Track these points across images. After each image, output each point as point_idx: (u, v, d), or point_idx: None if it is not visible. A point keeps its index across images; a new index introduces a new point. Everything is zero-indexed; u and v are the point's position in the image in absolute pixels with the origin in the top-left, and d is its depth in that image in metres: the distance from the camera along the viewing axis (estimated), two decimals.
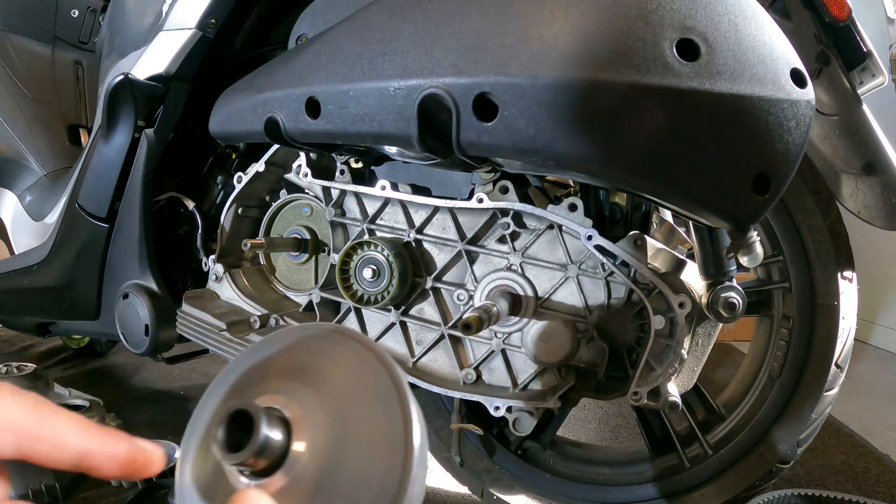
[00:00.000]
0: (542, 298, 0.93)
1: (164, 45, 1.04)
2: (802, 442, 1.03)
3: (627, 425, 1.70)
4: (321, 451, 0.28)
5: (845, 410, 1.83)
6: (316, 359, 0.31)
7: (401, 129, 0.67)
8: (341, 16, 0.82)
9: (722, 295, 0.84)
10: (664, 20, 0.56)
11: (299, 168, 1.04)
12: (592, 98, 0.57)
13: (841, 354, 1.01)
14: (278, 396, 0.30)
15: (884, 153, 0.89)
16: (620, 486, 1.13)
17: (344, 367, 0.31)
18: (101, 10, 1.60)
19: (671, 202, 0.63)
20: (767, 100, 0.56)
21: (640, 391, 0.88)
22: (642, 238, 0.87)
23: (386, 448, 0.28)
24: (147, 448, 0.27)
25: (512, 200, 0.90)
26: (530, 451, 1.18)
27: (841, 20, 0.78)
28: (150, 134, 1.08)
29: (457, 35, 0.63)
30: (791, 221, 1.01)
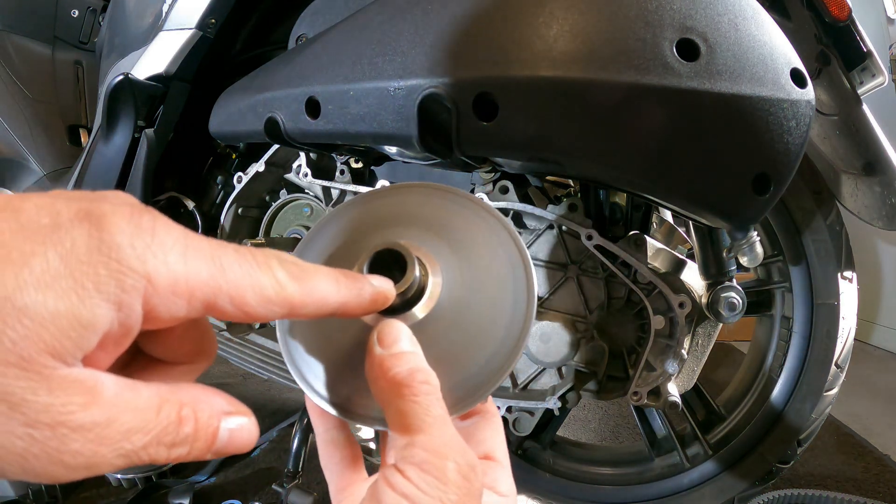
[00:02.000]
0: (542, 298, 0.93)
1: (164, 45, 1.04)
2: (802, 442, 1.03)
3: (627, 425, 1.70)
4: (454, 295, 0.31)
5: (845, 410, 1.83)
6: (440, 213, 0.33)
7: (401, 129, 0.67)
8: (341, 16, 0.82)
9: (722, 295, 0.84)
10: (664, 20, 0.56)
11: (299, 168, 1.04)
12: (592, 98, 0.57)
13: (841, 354, 1.01)
14: (412, 243, 0.32)
15: (884, 153, 0.89)
16: (620, 485, 1.13)
17: (472, 225, 0.33)
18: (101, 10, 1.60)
19: (671, 202, 0.63)
20: (767, 100, 0.56)
21: (640, 391, 0.88)
22: (642, 238, 0.87)
23: (511, 299, 0.30)
24: (383, 285, 0.28)
25: (512, 200, 0.90)
26: (530, 451, 1.18)
27: (841, 20, 0.78)
28: (150, 134, 1.08)
29: (457, 35, 0.63)
30: (791, 221, 1.01)
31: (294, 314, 0.24)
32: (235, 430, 0.23)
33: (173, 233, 0.21)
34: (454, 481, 0.25)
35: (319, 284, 0.25)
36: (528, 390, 0.97)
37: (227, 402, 0.24)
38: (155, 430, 0.21)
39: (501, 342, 0.30)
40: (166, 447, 0.21)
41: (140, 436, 0.20)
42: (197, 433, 0.22)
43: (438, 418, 0.26)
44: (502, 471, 0.32)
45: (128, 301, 0.20)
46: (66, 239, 0.19)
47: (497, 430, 0.34)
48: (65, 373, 0.19)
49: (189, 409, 0.22)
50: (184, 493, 1.17)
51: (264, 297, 0.23)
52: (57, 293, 0.19)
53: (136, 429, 0.20)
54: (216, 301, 0.22)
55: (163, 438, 0.21)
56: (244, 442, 0.24)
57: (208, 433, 0.23)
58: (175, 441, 0.22)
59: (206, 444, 0.23)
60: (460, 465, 0.25)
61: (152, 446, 0.21)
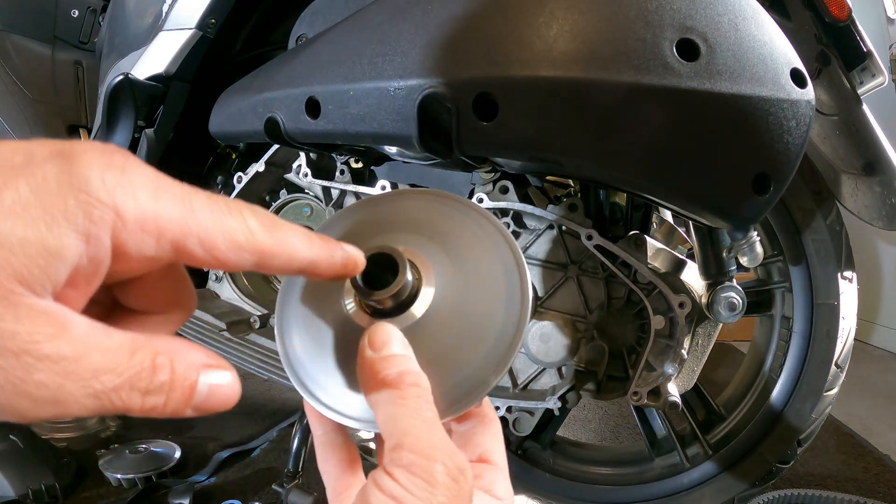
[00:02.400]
0: (542, 298, 0.93)
1: (164, 45, 1.04)
2: (802, 442, 1.03)
3: (627, 425, 1.70)
4: (447, 298, 0.31)
5: (845, 410, 1.83)
6: (435, 217, 0.34)
7: (401, 129, 0.67)
8: (341, 16, 0.82)
9: (722, 295, 0.84)
10: (664, 20, 0.56)
11: (299, 168, 1.04)
12: (592, 98, 0.57)
13: (841, 354, 1.01)
14: (408, 247, 0.32)
15: (884, 153, 0.89)
16: (620, 485, 1.13)
17: (465, 229, 0.33)
18: (101, 10, 1.60)
19: (671, 202, 0.63)
20: (767, 100, 0.56)
21: (640, 391, 0.88)
22: (642, 238, 0.87)
23: (504, 303, 0.31)
24: (353, 252, 0.28)
25: (512, 200, 0.90)
26: (530, 451, 1.18)
27: (841, 20, 0.78)
28: (150, 134, 1.08)
29: (457, 35, 0.63)
30: (791, 221, 1.01)
31: (263, 264, 0.24)
32: (216, 386, 0.23)
33: (144, 172, 0.22)
34: (442, 483, 0.25)
35: (290, 238, 0.25)
36: (528, 390, 0.97)
37: (207, 356, 0.23)
38: (127, 373, 0.20)
39: (494, 345, 0.30)
40: (140, 393, 0.21)
41: (111, 377, 0.20)
42: (173, 383, 0.22)
43: (427, 420, 0.27)
44: (499, 474, 0.32)
45: (96, 233, 0.20)
46: (37, 173, 0.19)
47: (495, 434, 0.34)
48: (33, 301, 0.19)
49: (165, 357, 0.22)
50: (184, 493, 1.17)
51: (234, 243, 0.23)
52: (26, 222, 0.19)
53: (107, 369, 0.20)
54: (185, 242, 0.22)
55: (136, 383, 0.21)
56: (225, 398, 0.23)
57: (185, 385, 0.22)
58: (149, 388, 0.21)
59: (183, 397, 0.22)
60: (449, 467, 0.25)
61: (124, 390, 0.20)
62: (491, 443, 0.33)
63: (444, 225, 0.34)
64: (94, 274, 0.21)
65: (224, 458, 1.35)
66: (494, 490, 0.31)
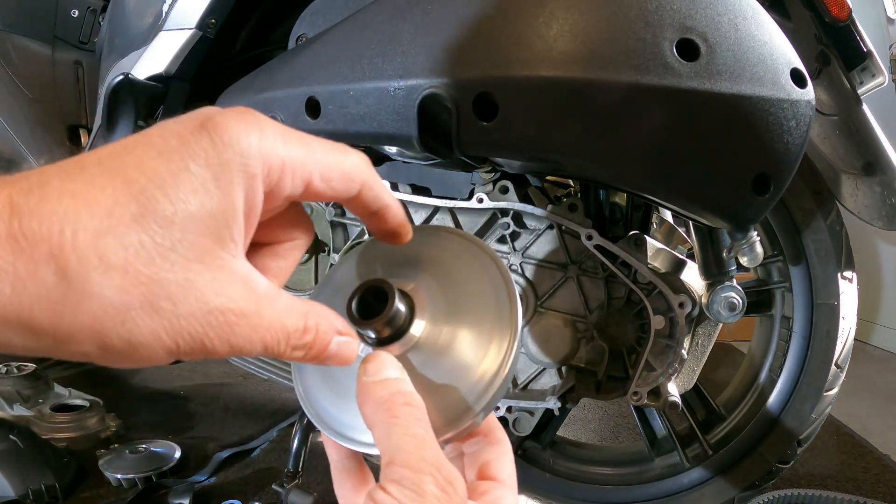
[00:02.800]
0: (542, 298, 0.93)
1: (164, 45, 1.04)
2: (802, 442, 1.03)
3: (627, 425, 1.70)
4: (439, 324, 0.33)
5: (845, 410, 1.83)
6: (428, 250, 0.36)
7: (401, 129, 0.67)
8: (341, 16, 0.82)
9: (722, 295, 0.84)
10: (664, 20, 0.56)
11: None
12: (592, 98, 0.57)
13: (841, 354, 1.01)
14: (403, 280, 0.35)
15: (884, 153, 0.89)
16: (620, 485, 1.13)
17: (455, 257, 0.35)
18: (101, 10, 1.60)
19: (671, 202, 0.63)
20: (767, 100, 0.56)
21: (640, 391, 0.88)
22: (642, 238, 0.87)
23: (494, 326, 0.32)
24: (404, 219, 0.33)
25: (512, 200, 0.90)
26: (530, 451, 1.18)
27: (841, 20, 0.78)
28: None
29: (457, 35, 0.63)
30: (791, 221, 1.01)
31: (362, 195, 0.29)
32: (343, 343, 0.28)
33: (273, 126, 0.26)
34: (431, 493, 0.26)
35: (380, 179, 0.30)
36: (528, 390, 0.97)
37: (342, 324, 0.29)
38: (286, 331, 0.26)
39: (487, 366, 0.31)
40: (290, 347, 0.26)
41: (276, 332, 0.25)
42: (315, 342, 0.27)
43: (417, 437, 0.28)
44: (506, 491, 0.32)
45: (254, 186, 0.24)
46: (197, 150, 0.23)
47: (503, 453, 0.34)
48: (230, 263, 0.24)
49: (314, 321, 0.27)
50: (184, 493, 1.17)
51: (346, 174, 0.28)
52: (208, 195, 0.23)
53: (276, 327, 0.25)
54: (311, 178, 0.26)
55: (290, 340, 0.26)
56: (346, 356, 0.29)
57: (323, 343, 0.27)
58: (297, 344, 0.27)
59: (318, 352, 0.27)
60: (437, 478, 0.26)
61: (282, 343, 0.26)
62: (498, 461, 0.34)
63: (433, 255, 0.36)
64: (252, 221, 0.25)
65: (224, 458, 1.35)
66: None
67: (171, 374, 1.92)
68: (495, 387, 0.31)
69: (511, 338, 0.31)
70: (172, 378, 1.89)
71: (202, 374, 1.92)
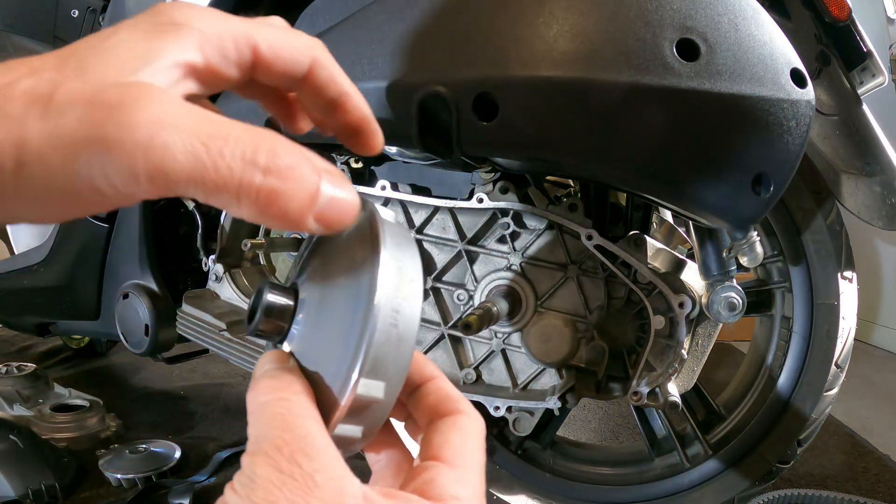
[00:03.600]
0: (542, 298, 0.93)
1: None
2: (802, 442, 1.03)
3: (627, 425, 1.70)
4: (311, 317, 0.30)
5: (845, 410, 1.83)
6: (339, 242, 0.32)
7: (401, 129, 0.67)
8: (341, 16, 0.82)
9: (722, 295, 0.84)
10: (664, 20, 0.56)
11: None
12: (592, 98, 0.57)
13: (841, 354, 1.01)
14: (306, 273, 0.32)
15: (884, 153, 0.89)
16: (620, 485, 1.13)
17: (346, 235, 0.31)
18: (101, 10, 1.60)
19: (671, 202, 0.63)
20: (767, 100, 0.56)
21: (640, 391, 0.88)
22: (642, 238, 0.88)
23: (351, 310, 0.27)
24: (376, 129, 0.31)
25: (512, 200, 0.90)
26: (530, 451, 1.18)
27: (841, 20, 0.78)
28: None
29: (457, 35, 0.63)
30: (791, 221, 1.01)
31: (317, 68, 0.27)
32: (338, 193, 0.23)
33: (213, 10, 0.26)
34: (263, 477, 0.22)
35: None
36: (528, 390, 0.97)
37: (330, 165, 0.23)
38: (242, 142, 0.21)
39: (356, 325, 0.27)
40: (260, 170, 0.21)
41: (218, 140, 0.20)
42: (296, 170, 0.21)
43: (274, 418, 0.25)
44: (442, 471, 0.27)
45: (187, 44, 0.24)
46: (136, 24, 0.24)
47: (448, 429, 0.29)
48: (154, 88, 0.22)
49: (289, 146, 0.22)
50: (184, 493, 1.17)
51: (292, 46, 0.27)
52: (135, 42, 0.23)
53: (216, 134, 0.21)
54: (258, 46, 0.26)
55: (253, 156, 0.21)
56: (347, 208, 0.23)
57: (309, 181, 0.22)
58: (269, 167, 0.21)
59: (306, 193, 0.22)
60: (274, 458, 0.23)
61: (237, 159, 0.20)
62: (442, 437, 0.29)
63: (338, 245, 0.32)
64: (207, 76, 0.25)
65: (224, 458, 1.35)
66: (430, 490, 0.26)
67: (171, 374, 1.92)
68: (363, 344, 0.26)
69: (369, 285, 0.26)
70: (172, 378, 1.89)
71: (202, 374, 1.92)
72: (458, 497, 0.26)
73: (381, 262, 0.27)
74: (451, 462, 0.27)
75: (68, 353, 2.05)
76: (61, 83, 0.21)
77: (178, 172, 0.20)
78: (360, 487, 0.24)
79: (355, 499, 0.24)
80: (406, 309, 0.27)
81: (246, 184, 0.21)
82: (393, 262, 0.27)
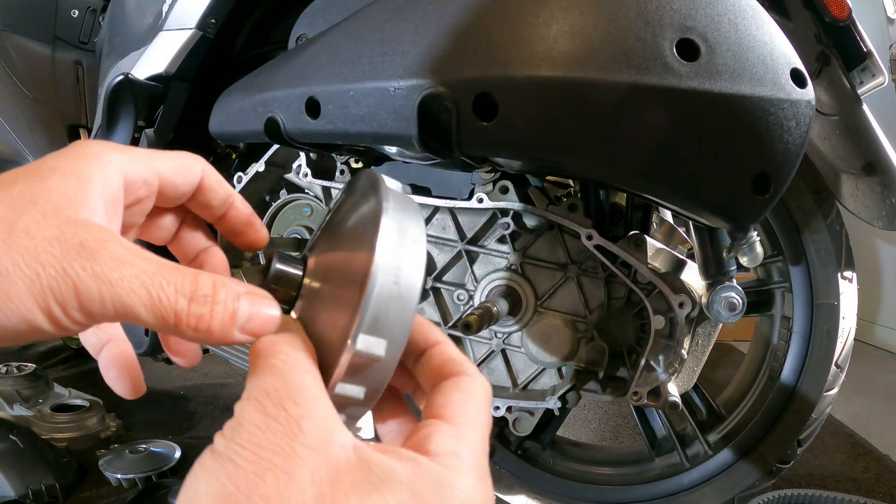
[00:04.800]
0: (542, 298, 0.93)
1: (164, 45, 1.04)
2: (802, 442, 1.03)
3: (627, 425, 1.70)
4: (319, 284, 0.31)
5: (845, 410, 1.83)
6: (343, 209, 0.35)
7: (401, 129, 0.67)
8: (341, 16, 0.82)
9: (722, 295, 0.84)
10: (664, 20, 0.56)
11: (299, 168, 1.04)
12: (592, 98, 0.57)
13: (841, 354, 1.01)
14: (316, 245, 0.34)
15: (884, 153, 0.89)
16: (620, 485, 1.13)
17: (352, 206, 0.33)
18: (101, 10, 1.60)
19: (671, 202, 0.63)
20: (767, 100, 0.56)
21: (640, 391, 0.88)
22: (642, 238, 0.87)
23: (354, 273, 0.28)
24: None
25: (512, 200, 0.90)
26: (530, 451, 1.18)
27: (841, 20, 0.78)
28: (150, 134, 1.08)
29: (457, 35, 0.63)
30: (791, 221, 1.01)
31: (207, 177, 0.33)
32: (256, 308, 0.26)
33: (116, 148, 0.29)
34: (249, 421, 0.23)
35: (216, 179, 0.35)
36: (528, 390, 0.97)
37: (248, 287, 0.27)
38: (172, 279, 0.24)
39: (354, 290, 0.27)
40: (186, 299, 0.24)
41: (158, 277, 0.24)
42: (216, 296, 0.25)
43: (271, 368, 0.26)
44: (439, 427, 0.27)
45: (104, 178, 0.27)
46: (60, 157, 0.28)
47: (450, 389, 0.29)
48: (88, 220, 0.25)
49: (207, 277, 0.25)
50: None
51: (184, 165, 0.32)
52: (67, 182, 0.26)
53: (153, 271, 0.24)
54: (160, 170, 0.30)
55: (181, 289, 0.24)
56: (266, 320, 0.27)
57: (229, 302, 0.25)
58: (194, 295, 0.25)
59: (228, 312, 0.25)
60: (263, 403, 0.24)
61: (170, 292, 0.24)
62: (443, 397, 0.28)
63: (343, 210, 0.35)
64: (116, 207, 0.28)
65: None
66: (426, 445, 0.26)
67: (171, 374, 1.92)
68: (363, 300, 0.26)
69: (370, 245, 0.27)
70: (172, 378, 1.89)
71: (202, 374, 1.92)
72: (455, 453, 0.26)
73: (383, 223, 0.27)
74: (451, 420, 0.27)
75: (68, 353, 2.05)
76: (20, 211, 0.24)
77: (135, 301, 0.24)
78: (351, 440, 0.24)
79: (343, 448, 0.24)
80: (408, 268, 0.27)
81: (179, 310, 0.24)
82: (394, 224, 0.28)
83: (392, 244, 0.27)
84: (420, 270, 0.28)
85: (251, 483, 0.21)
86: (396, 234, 0.28)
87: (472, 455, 0.26)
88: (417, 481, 0.24)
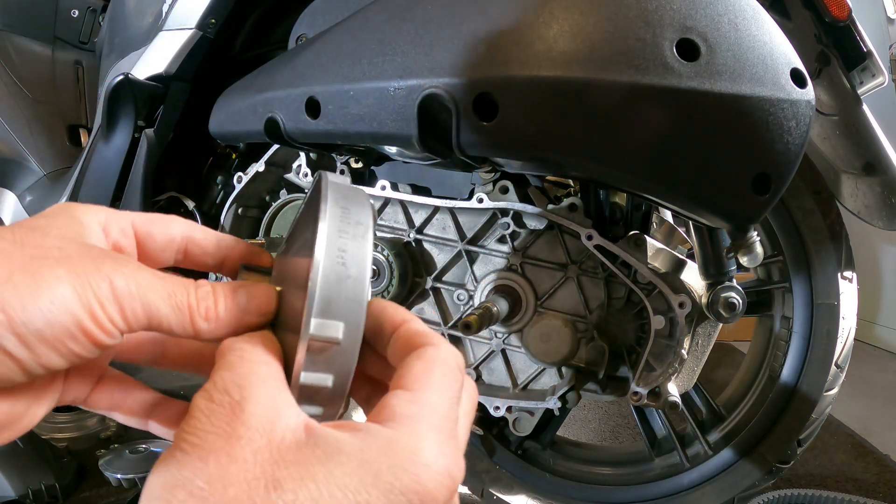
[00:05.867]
0: (542, 298, 0.93)
1: (164, 45, 1.04)
2: (802, 442, 1.03)
3: (627, 425, 1.70)
4: (282, 286, 0.32)
5: (845, 410, 1.83)
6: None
7: (401, 129, 0.67)
8: (341, 16, 0.82)
9: (722, 295, 0.84)
10: (664, 20, 0.56)
11: (299, 168, 1.04)
12: (592, 98, 0.57)
13: (841, 354, 1.01)
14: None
15: (884, 153, 0.89)
16: (620, 485, 1.13)
17: (304, 208, 0.34)
18: (101, 10, 1.60)
19: (671, 202, 0.63)
20: (767, 100, 0.56)
21: (640, 391, 0.88)
22: (642, 238, 0.87)
23: (304, 274, 0.28)
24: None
25: (512, 200, 0.90)
26: (530, 451, 1.18)
27: (841, 20, 0.78)
28: (150, 134, 1.08)
29: (457, 35, 0.63)
30: (791, 221, 1.01)
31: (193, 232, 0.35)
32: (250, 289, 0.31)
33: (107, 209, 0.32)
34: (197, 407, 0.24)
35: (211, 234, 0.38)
36: (528, 390, 0.97)
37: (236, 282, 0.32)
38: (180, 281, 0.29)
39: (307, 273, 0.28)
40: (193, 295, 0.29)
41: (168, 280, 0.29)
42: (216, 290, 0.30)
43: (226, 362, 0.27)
44: (399, 395, 0.26)
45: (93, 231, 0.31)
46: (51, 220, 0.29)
47: (415, 360, 0.28)
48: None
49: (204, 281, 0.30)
50: None
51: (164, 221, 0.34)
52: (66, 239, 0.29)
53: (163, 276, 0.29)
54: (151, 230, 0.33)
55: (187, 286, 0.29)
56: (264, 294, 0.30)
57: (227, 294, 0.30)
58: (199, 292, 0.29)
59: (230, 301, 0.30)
60: (209, 391, 0.24)
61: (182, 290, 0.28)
62: (409, 370, 0.28)
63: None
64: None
65: None
66: (381, 414, 0.26)
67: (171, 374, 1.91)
68: (311, 285, 0.26)
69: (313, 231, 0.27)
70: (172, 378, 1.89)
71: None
72: (410, 416, 0.25)
73: (322, 209, 0.28)
74: (408, 386, 0.27)
75: None
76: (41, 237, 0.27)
77: (157, 297, 0.27)
78: (304, 420, 0.24)
79: (289, 428, 0.24)
80: (353, 248, 0.28)
81: (191, 303, 0.28)
82: (335, 209, 0.29)
83: (334, 228, 0.28)
84: (367, 249, 0.28)
85: (195, 468, 0.22)
86: (339, 219, 0.28)
87: (431, 416, 0.26)
88: (366, 448, 0.23)
